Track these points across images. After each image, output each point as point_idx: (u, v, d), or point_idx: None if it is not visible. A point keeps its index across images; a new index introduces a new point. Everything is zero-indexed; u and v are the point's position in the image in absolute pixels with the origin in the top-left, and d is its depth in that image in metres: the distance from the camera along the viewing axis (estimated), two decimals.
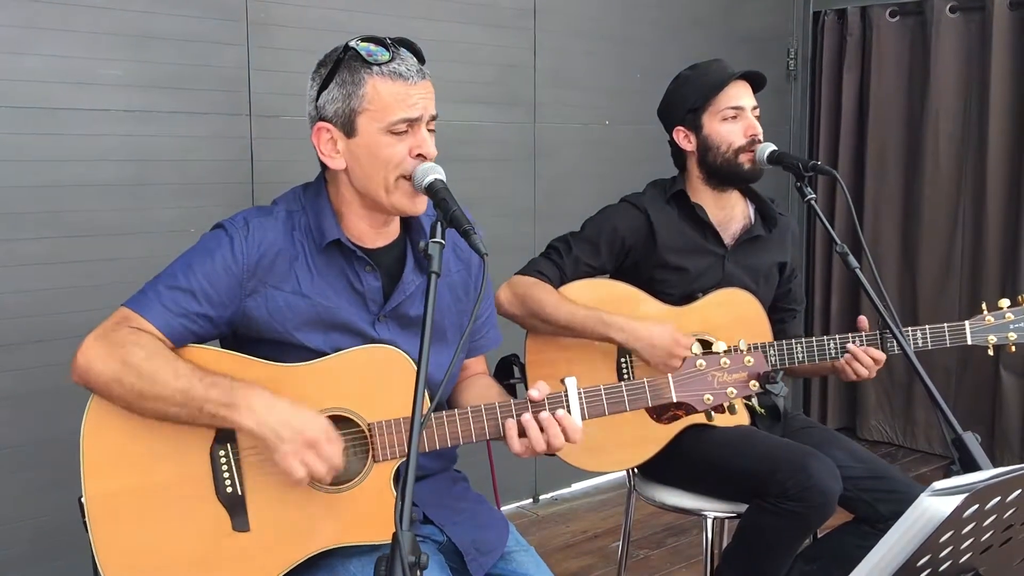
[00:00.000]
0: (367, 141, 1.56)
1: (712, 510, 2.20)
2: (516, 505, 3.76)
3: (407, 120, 1.55)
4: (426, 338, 1.30)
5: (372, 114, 1.55)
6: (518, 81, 3.56)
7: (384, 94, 1.54)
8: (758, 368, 1.69)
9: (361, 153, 1.57)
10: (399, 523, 1.17)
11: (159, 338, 1.52)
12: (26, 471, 2.56)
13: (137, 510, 1.51)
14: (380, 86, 1.54)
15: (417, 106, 1.56)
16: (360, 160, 1.58)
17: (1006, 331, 2.15)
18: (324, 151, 1.60)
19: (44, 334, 2.54)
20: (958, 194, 4.18)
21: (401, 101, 1.54)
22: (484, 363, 1.90)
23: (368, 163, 1.57)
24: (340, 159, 1.59)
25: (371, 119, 1.55)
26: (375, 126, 1.55)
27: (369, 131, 1.56)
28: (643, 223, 2.26)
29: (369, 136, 1.56)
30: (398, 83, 1.55)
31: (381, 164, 1.56)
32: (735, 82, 2.25)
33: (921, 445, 4.44)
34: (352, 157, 1.58)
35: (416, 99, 1.56)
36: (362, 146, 1.57)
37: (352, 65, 1.56)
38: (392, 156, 1.55)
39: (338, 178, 1.63)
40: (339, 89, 1.56)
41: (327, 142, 1.59)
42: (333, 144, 1.59)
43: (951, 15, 4.13)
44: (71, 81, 2.56)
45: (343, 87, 1.56)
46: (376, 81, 1.54)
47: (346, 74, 1.56)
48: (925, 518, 1.05)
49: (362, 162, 1.58)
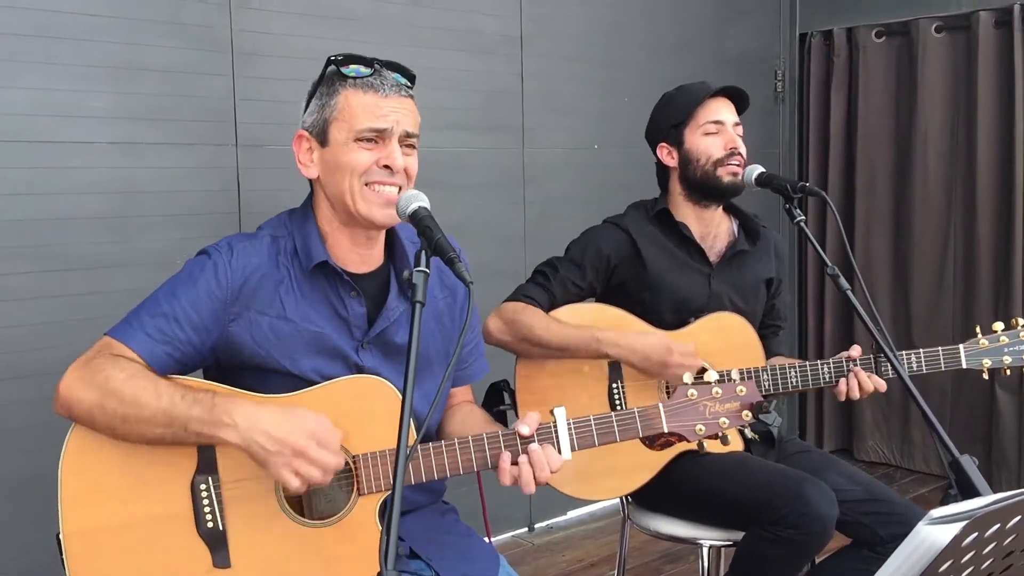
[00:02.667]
0: (336, 149, 1.60)
1: (708, 538, 2.17)
2: (511, 534, 3.72)
3: (375, 130, 1.58)
4: (411, 369, 1.28)
5: (341, 123, 1.59)
6: (506, 107, 3.56)
7: (354, 104, 1.58)
8: (751, 398, 1.66)
9: (331, 161, 1.60)
10: (384, 562, 1.13)
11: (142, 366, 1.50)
12: (6, 508, 2.51)
13: (116, 547, 1.47)
14: (351, 97, 1.59)
15: (387, 118, 1.58)
16: (330, 168, 1.61)
17: (1000, 354, 2.16)
18: (301, 160, 1.64)
19: (27, 370, 2.50)
20: (948, 212, 4.18)
21: (370, 111, 1.58)
22: (470, 392, 1.88)
23: (336, 170, 1.60)
24: (314, 168, 1.63)
25: (340, 128, 1.59)
26: (344, 134, 1.59)
27: (338, 139, 1.59)
28: (626, 241, 2.27)
29: (338, 144, 1.59)
30: (369, 94, 1.59)
31: (346, 170, 1.58)
32: (716, 98, 2.28)
33: (918, 466, 4.41)
34: (324, 165, 1.62)
35: (387, 111, 1.59)
36: (333, 154, 1.60)
37: (331, 79, 1.61)
38: (356, 162, 1.58)
39: (318, 194, 1.65)
40: (316, 101, 1.62)
41: (305, 151, 1.64)
42: (309, 153, 1.64)
43: (936, 35, 4.15)
44: (55, 114, 2.55)
45: (320, 98, 1.62)
46: (349, 92, 1.59)
47: (324, 88, 1.62)
48: (924, 547, 1.02)
49: (331, 170, 1.61)
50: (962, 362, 2.15)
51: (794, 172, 4.64)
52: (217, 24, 2.82)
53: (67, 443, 1.48)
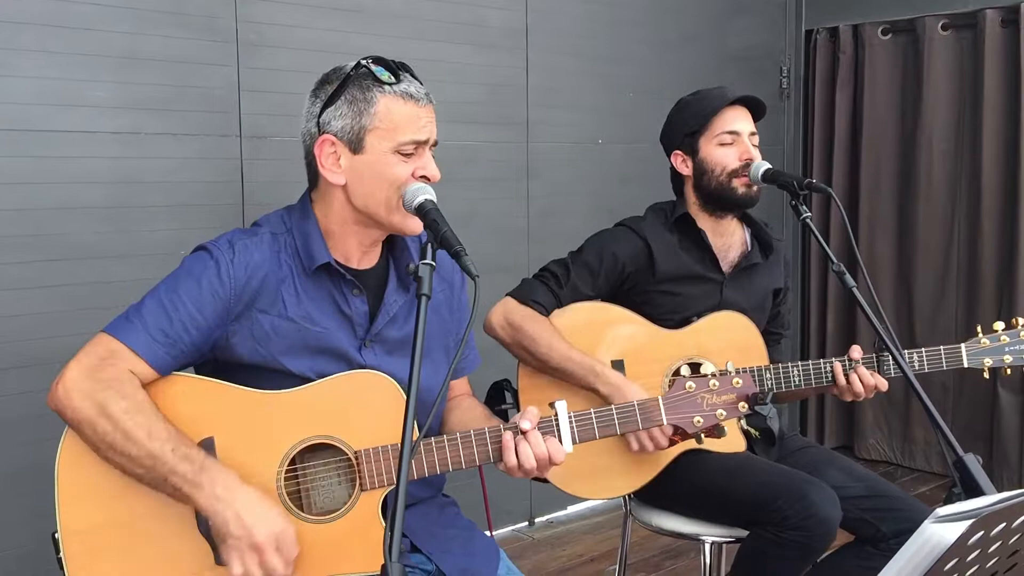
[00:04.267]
0: (374, 159, 1.55)
1: (710, 535, 2.16)
2: (511, 528, 3.72)
3: (416, 142, 1.55)
4: (416, 365, 1.27)
5: (382, 132, 1.54)
6: (510, 101, 3.55)
7: (396, 114, 1.54)
8: (747, 389, 1.69)
9: (365, 171, 1.56)
10: (388, 555, 1.13)
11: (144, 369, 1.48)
12: (4, 500, 2.51)
13: (115, 545, 1.46)
14: (392, 105, 1.55)
15: (426, 129, 1.57)
16: (363, 177, 1.56)
17: (1001, 353, 2.17)
18: (325, 164, 1.58)
19: (26, 359, 2.50)
20: (952, 210, 4.18)
21: (412, 122, 1.55)
22: (467, 384, 1.88)
23: (372, 180, 1.56)
24: (341, 175, 1.57)
25: (381, 137, 1.55)
26: (384, 145, 1.55)
27: (378, 149, 1.55)
28: (642, 249, 2.23)
29: (377, 154, 1.55)
30: (409, 104, 1.55)
31: (386, 182, 1.55)
32: (733, 107, 2.24)
33: (920, 464, 4.41)
34: (354, 173, 1.57)
35: (425, 121, 1.57)
36: (368, 163, 1.55)
37: (363, 83, 1.55)
38: (398, 175, 1.55)
39: (331, 195, 1.60)
40: (348, 106, 1.55)
41: (329, 155, 1.57)
42: (335, 158, 1.57)
43: (943, 32, 4.14)
44: (57, 103, 2.54)
45: (353, 104, 1.55)
46: (388, 100, 1.54)
47: (356, 91, 1.55)
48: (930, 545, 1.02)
49: (365, 179, 1.56)
50: (964, 361, 2.16)
51: (798, 169, 4.63)
52: (221, 14, 2.81)
53: (63, 440, 1.47)
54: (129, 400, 1.44)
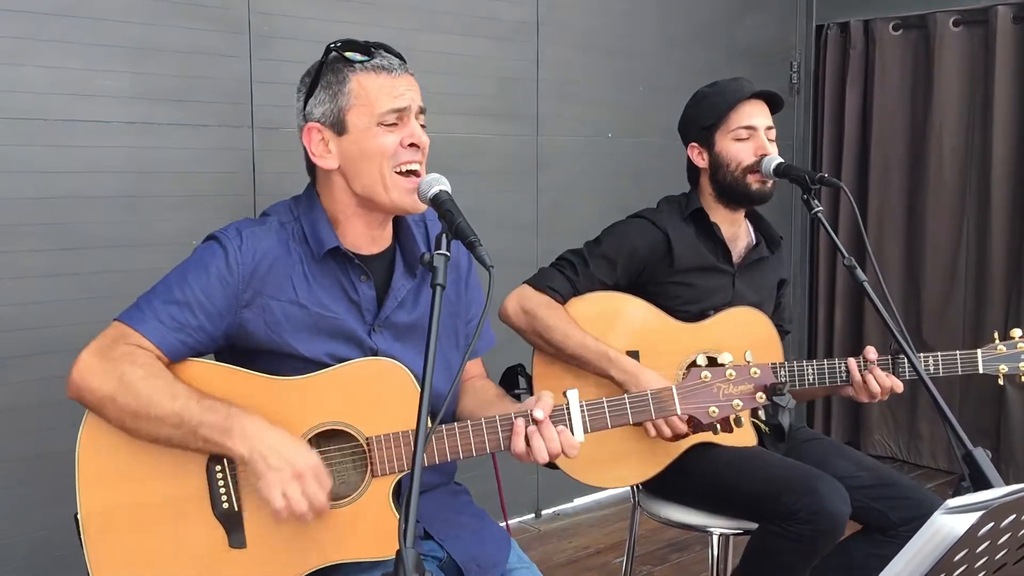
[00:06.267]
0: (359, 136, 1.57)
1: (718, 527, 2.17)
2: (518, 520, 3.73)
3: (396, 110, 1.57)
4: (431, 355, 1.27)
5: (360, 109, 1.57)
6: (520, 94, 3.56)
7: (369, 88, 1.57)
8: (764, 379, 1.64)
9: (353, 149, 1.58)
10: (403, 540, 1.14)
11: (156, 355, 1.50)
12: (23, 486, 2.53)
13: (132, 527, 1.48)
14: (365, 81, 1.57)
15: (404, 96, 1.58)
16: (353, 157, 1.58)
17: (1018, 361, 2.16)
18: (315, 151, 1.60)
19: (43, 347, 2.52)
20: (962, 207, 4.17)
21: (387, 92, 1.57)
22: (481, 365, 1.89)
23: (361, 158, 1.58)
24: (332, 159, 1.60)
25: (360, 114, 1.57)
26: (365, 120, 1.57)
27: (360, 126, 1.57)
28: (662, 241, 2.23)
29: (360, 131, 1.57)
30: (382, 75, 1.57)
31: (375, 156, 1.57)
32: (750, 101, 2.24)
33: (926, 460, 4.41)
34: (345, 155, 1.59)
35: (402, 89, 1.58)
36: (354, 142, 1.58)
37: (335, 67, 1.59)
38: (384, 146, 1.56)
39: (332, 182, 1.62)
40: (325, 91, 1.59)
41: (318, 143, 1.60)
42: (324, 144, 1.60)
43: (954, 28, 4.13)
44: (72, 92, 2.55)
45: (328, 88, 1.58)
46: (360, 77, 1.57)
47: (330, 76, 1.59)
48: (940, 536, 1.02)
49: (355, 158, 1.58)
50: (979, 367, 2.15)
51: (808, 165, 4.62)
52: (235, 6, 2.83)
53: (84, 425, 1.49)
54: (144, 368, 1.47)
